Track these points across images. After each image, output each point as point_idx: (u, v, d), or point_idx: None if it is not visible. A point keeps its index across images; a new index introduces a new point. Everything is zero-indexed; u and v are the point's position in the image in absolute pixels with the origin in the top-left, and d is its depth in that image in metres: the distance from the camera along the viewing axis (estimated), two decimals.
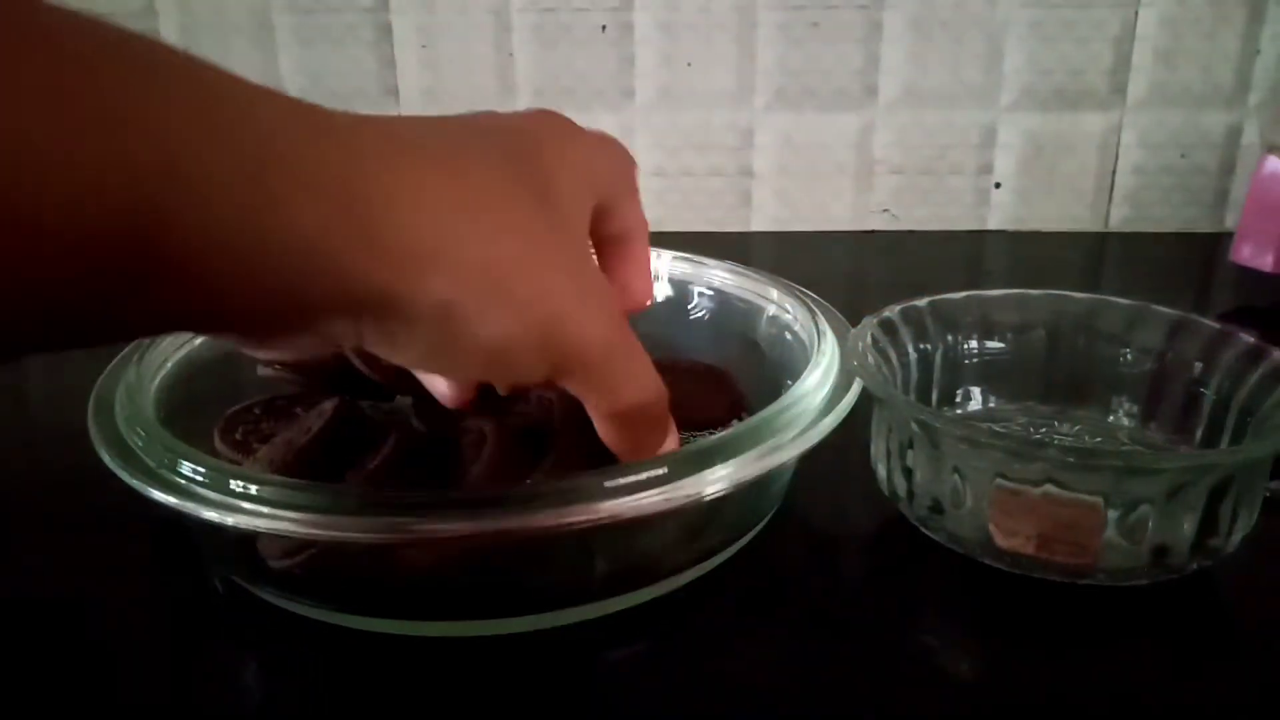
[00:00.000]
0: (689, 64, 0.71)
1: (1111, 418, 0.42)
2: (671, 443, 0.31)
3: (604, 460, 0.30)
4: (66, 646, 0.32)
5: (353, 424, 0.35)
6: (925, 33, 0.70)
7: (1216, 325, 0.39)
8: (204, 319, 0.22)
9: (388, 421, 0.36)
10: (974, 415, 0.43)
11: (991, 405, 0.43)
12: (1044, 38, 0.69)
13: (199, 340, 0.40)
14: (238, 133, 0.19)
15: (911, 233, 0.75)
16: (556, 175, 0.27)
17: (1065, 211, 0.74)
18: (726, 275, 0.46)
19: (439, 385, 0.32)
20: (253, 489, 0.29)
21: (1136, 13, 0.69)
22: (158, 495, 0.30)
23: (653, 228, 0.33)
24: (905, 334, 0.41)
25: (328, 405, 0.35)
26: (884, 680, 0.31)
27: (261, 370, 0.39)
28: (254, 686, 0.32)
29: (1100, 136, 0.72)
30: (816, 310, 0.40)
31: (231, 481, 0.29)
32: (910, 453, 0.36)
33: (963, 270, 0.72)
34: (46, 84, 0.16)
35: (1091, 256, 0.73)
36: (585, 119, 0.29)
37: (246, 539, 0.32)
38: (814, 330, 0.39)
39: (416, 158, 0.23)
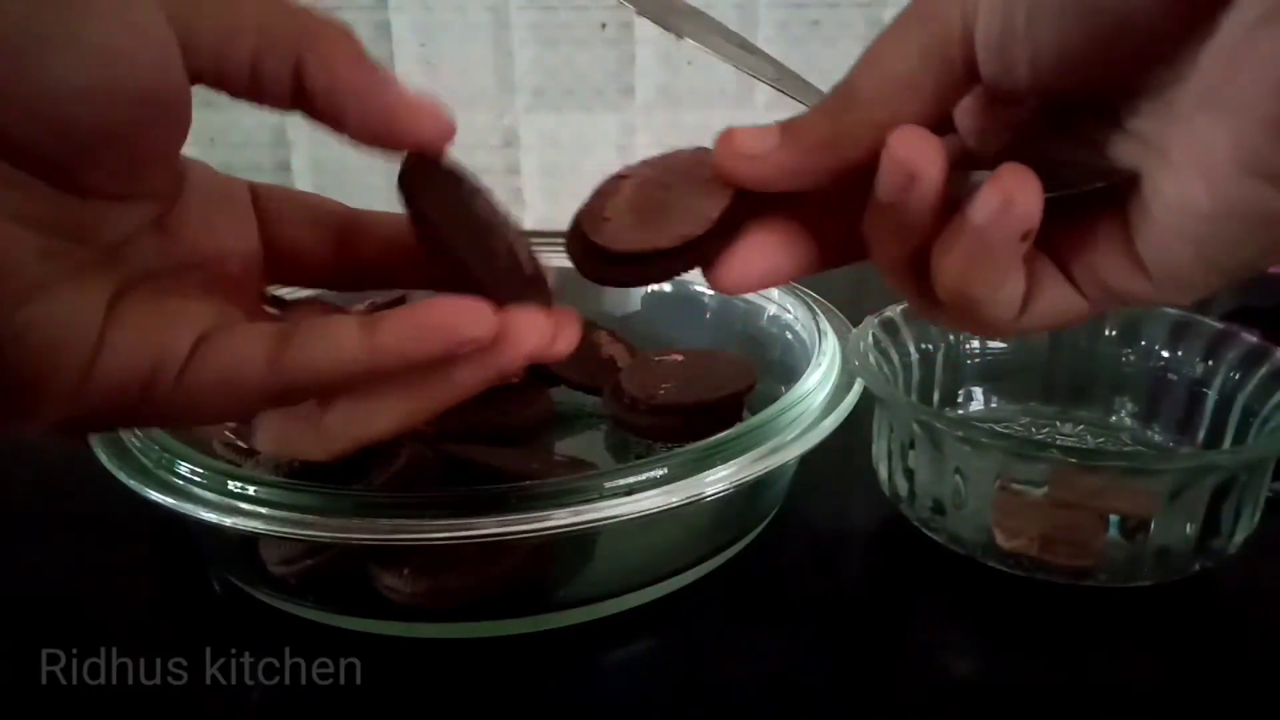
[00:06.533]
0: (689, 62, 0.71)
1: (1114, 418, 0.42)
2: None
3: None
4: (64, 645, 0.32)
5: None
6: None
7: (1219, 325, 0.39)
8: None
9: (398, 438, 0.36)
10: (976, 416, 0.43)
11: (993, 405, 0.43)
12: None
13: None
14: None
15: None
16: None
17: None
18: None
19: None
20: (250, 490, 0.29)
21: None
22: (155, 496, 0.29)
23: None
24: (907, 334, 0.41)
25: None
26: (885, 680, 0.31)
27: None
28: (252, 687, 0.31)
29: None
30: (817, 310, 0.40)
31: (229, 482, 0.29)
32: (912, 453, 0.35)
33: None
34: None
35: None
36: (585, 118, 0.29)
37: (245, 540, 0.32)
38: (815, 330, 0.39)
39: None
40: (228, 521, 0.28)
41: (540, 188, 0.74)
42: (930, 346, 0.41)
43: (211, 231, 0.23)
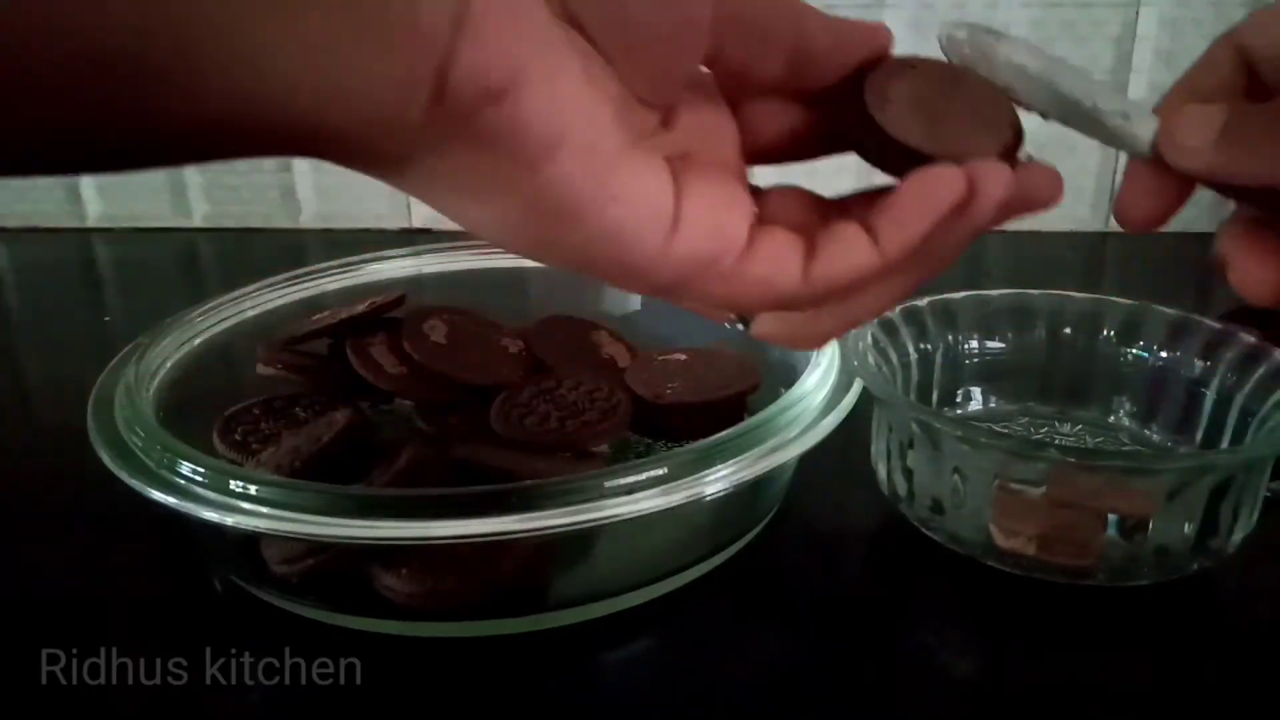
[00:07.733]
0: None
1: (1112, 418, 0.42)
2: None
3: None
4: (64, 645, 0.32)
5: (363, 437, 0.35)
6: (925, 33, 0.70)
7: (1217, 325, 0.39)
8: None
9: (400, 438, 0.36)
10: (974, 415, 0.43)
11: (992, 405, 0.43)
12: (1044, 37, 0.69)
13: (198, 340, 0.40)
14: None
15: None
16: None
17: (1066, 211, 0.74)
18: None
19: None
20: (252, 489, 0.29)
21: (1137, 13, 0.68)
22: (157, 495, 0.30)
23: None
24: (906, 334, 0.41)
25: (339, 416, 0.35)
26: (884, 680, 0.31)
27: (261, 370, 0.39)
28: (253, 687, 0.31)
29: None
30: None
31: (231, 482, 0.29)
32: (910, 453, 0.35)
33: (963, 270, 0.72)
34: None
35: (1092, 256, 0.73)
36: None
37: (247, 539, 0.32)
38: None
39: None
40: (229, 521, 0.28)
41: None
42: (929, 346, 0.41)
43: (699, 116, 0.23)
